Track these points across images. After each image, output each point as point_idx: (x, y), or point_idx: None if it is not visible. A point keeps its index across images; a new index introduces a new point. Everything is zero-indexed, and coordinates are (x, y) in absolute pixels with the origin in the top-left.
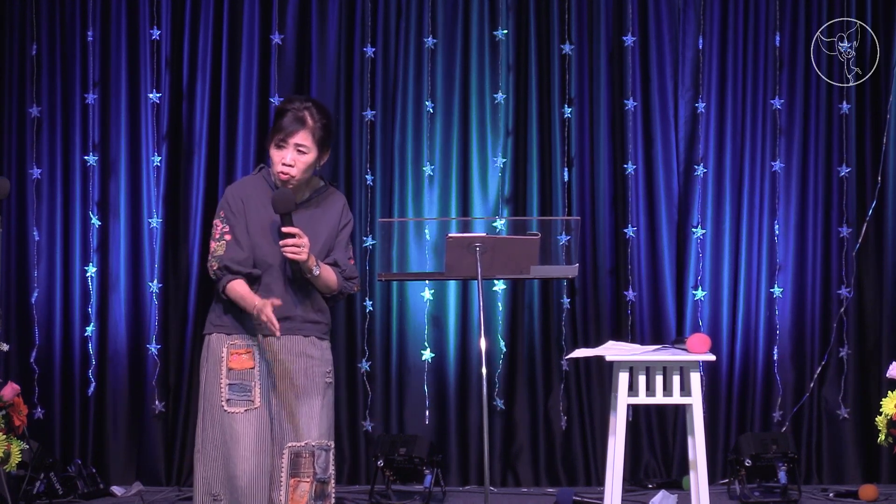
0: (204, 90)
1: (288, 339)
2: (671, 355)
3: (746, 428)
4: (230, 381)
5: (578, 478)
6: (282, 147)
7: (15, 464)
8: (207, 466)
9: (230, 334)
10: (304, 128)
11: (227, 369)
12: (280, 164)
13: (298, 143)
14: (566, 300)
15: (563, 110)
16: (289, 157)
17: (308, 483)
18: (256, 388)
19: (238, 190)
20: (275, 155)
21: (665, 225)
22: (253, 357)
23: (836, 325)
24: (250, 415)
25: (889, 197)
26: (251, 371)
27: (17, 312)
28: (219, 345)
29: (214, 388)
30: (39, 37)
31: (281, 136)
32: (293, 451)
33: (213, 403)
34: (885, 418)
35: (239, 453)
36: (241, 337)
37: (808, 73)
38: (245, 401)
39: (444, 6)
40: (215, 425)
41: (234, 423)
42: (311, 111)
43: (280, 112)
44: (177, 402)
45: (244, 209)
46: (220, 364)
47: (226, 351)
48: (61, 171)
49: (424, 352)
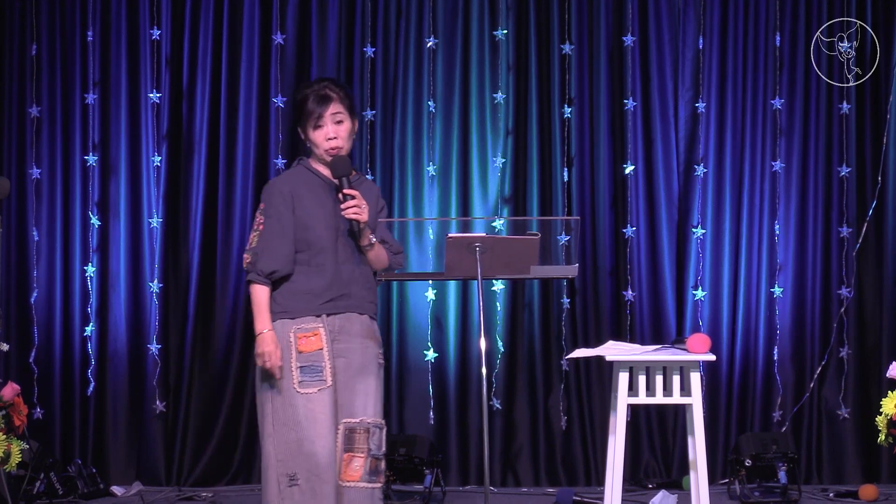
0: (204, 90)
1: (347, 317)
2: (671, 355)
3: (746, 428)
4: (301, 364)
5: (578, 478)
6: (320, 126)
7: (15, 464)
8: (281, 448)
9: (294, 318)
10: (333, 100)
11: (296, 352)
12: (325, 141)
13: (334, 114)
14: (566, 300)
15: (563, 110)
16: (331, 131)
17: (362, 458)
18: (328, 368)
19: (280, 184)
20: (317, 136)
21: (665, 225)
22: (321, 338)
23: (836, 325)
24: (323, 394)
25: (889, 197)
26: (320, 352)
27: (16, 312)
28: (284, 330)
29: (284, 371)
30: (39, 37)
31: (316, 116)
32: (348, 426)
33: (282, 387)
34: (885, 418)
35: (318, 431)
36: (306, 320)
37: (808, 73)
38: (318, 381)
39: (444, 6)
40: (286, 407)
41: (310, 402)
42: (330, 86)
43: (301, 101)
44: (177, 402)
45: (291, 200)
46: (288, 348)
47: (293, 335)
48: (61, 171)
49: (428, 352)
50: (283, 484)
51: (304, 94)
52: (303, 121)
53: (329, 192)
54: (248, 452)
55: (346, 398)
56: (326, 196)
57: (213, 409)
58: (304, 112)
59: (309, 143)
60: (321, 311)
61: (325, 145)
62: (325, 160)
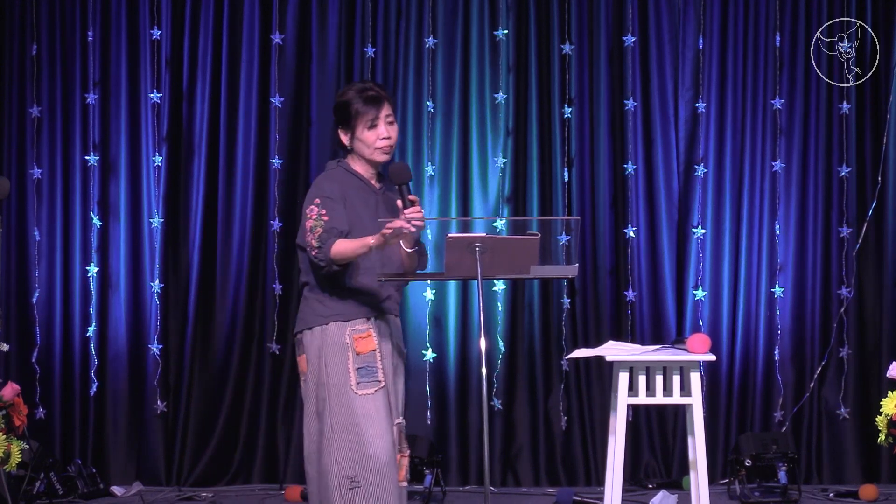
0: (204, 90)
1: (388, 319)
2: (671, 355)
3: (746, 428)
4: (358, 366)
5: (578, 478)
6: (375, 126)
7: (15, 464)
8: (341, 451)
9: (348, 320)
10: (383, 100)
11: (354, 354)
12: (378, 141)
13: (387, 115)
14: (566, 300)
15: (563, 110)
16: (384, 132)
17: (406, 458)
18: (380, 368)
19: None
20: (369, 136)
21: (665, 225)
22: (373, 338)
23: (836, 325)
24: (379, 394)
25: (889, 197)
26: (374, 353)
27: (17, 312)
28: (340, 332)
29: (341, 374)
30: (39, 37)
31: (369, 118)
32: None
33: (340, 389)
34: (885, 418)
35: (376, 432)
36: (360, 321)
37: (808, 73)
38: (374, 381)
39: (444, 6)
40: (344, 409)
41: (367, 403)
42: (374, 87)
43: (347, 103)
44: (177, 402)
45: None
46: (345, 351)
47: (349, 337)
48: (61, 171)
49: (426, 352)
50: (345, 487)
51: (349, 96)
52: (351, 122)
53: (371, 194)
54: (248, 452)
55: (395, 399)
56: (370, 198)
57: (213, 409)
58: (351, 113)
59: (356, 143)
60: (370, 314)
61: (378, 144)
62: (375, 160)
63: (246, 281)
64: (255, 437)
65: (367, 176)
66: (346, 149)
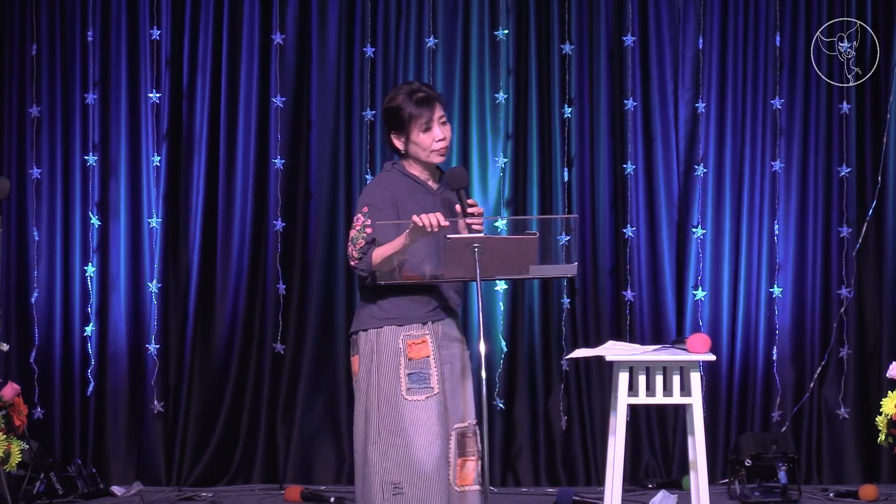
0: (204, 90)
1: (448, 322)
2: (671, 355)
3: (746, 428)
4: (409, 371)
5: (578, 478)
6: (429, 128)
7: (15, 464)
8: (386, 456)
9: (403, 325)
10: (436, 102)
11: (406, 359)
12: (434, 143)
13: (440, 116)
14: (566, 300)
15: (563, 110)
16: (439, 133)
17: (474, 461)
18: (434, 375)
19: (381, 188)
20: (424, 139)
21: (665, 225)
22: (429, 345)
23: (836, 325)
24: (430, 401)
25: (889, 197)
26: (428, 359)
27: (17, 312)
28: (393, 337)
29: (391, 378)
30: (39, 37)
31: (423, 120)
32: (459, 431)
33: (388, 393)
34: (885, 418)
35: (425, 440)
36: (415, 326)
37: (808, 73)
38: (425, 388)
39: (444, 6)
40: (392, 415)
41: (417, 410)
42: (423, 88)
43: (398, 108)
44: (177, 401)
45: (395, 205)
46: (397, 356)
47: (402, 342)
48: (61, 171)
49: None
50: (388, 492)
51: (399, 101)
52: (403, 125)
53: (427, 197)
54: (247, 452)
55: (455, 404)
56: (426, 200)
57: (213, 409)
58: (404, 118)
59: (411, 147)
60: (427, 319)
61: (434, 146)
62: (432, 162)
63: (246, 281)
64: (255, 437)
65: (423, 178)
66: (401, 153)
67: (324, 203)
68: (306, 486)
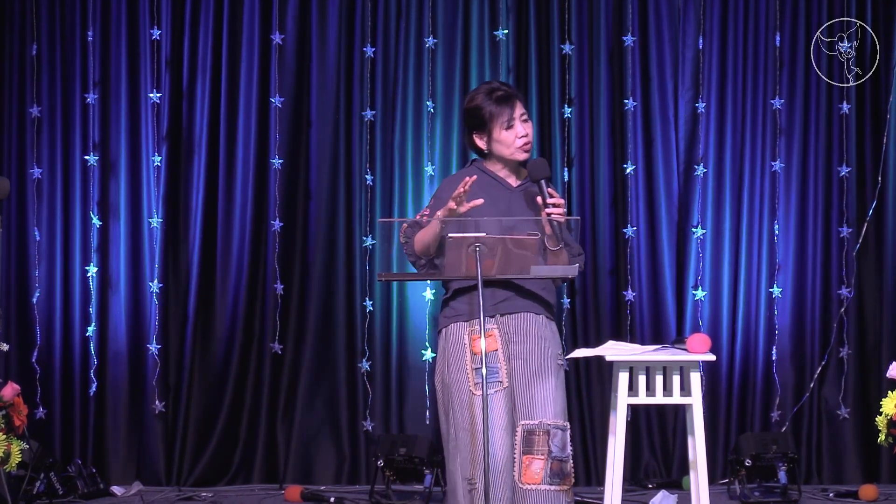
0: (204, 90)
1: (523, 316)
2: (671, 355)
3: (746, 428)
4: (476, 366)
5: (578, 478)
6: (511, 126)
7: (15, 464)
8: (462, 453)
9: (469, 320)
10: (516, 100)
11: (471, 354)
12: (517, 140)
13: (522, 114)
14: (566, 300)
15: (563, 110)
16: (521, 130)
17: (542, 461)
18: (503, 369)
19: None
20: (507, 137)
21: (665, 225)
22: (496, 339)
23: (836, 325)
24: (499, 395)
25: (889, 197)
26: (495, 353)
27: (17, 312)
28: (459, 333)
29: (461, 374)
30: (39, 37)
31: (504, 119)
32: (526, 428)
33: (460, 389)
34: (885, 418)
35: (492, 433)
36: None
37: (808, 73)
38: (494, 382)
39: (444, 6)
40: (464, 410)
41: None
42: (503, 86)
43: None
44: (177, 401)
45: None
46: (463, 350)
47: (467, 337)
48: (61, 171)
49: (425, 352)
50: (465, 489)
51: (479, 100)
52: (486, 125)
53: (502, 192)
54: (247, 452)
55: (524, 400)
56: (500, 197)
57: (213, 409)
58: (485, 117)
59: (494, 145)
60: (494, 312)
61: (517, 144)
62: (516, 159)
63: (246, 281)
64: (255, 437)
65: (503, 175)
66: (484, 154)
67: (323, 203)
68: (306, 486)
